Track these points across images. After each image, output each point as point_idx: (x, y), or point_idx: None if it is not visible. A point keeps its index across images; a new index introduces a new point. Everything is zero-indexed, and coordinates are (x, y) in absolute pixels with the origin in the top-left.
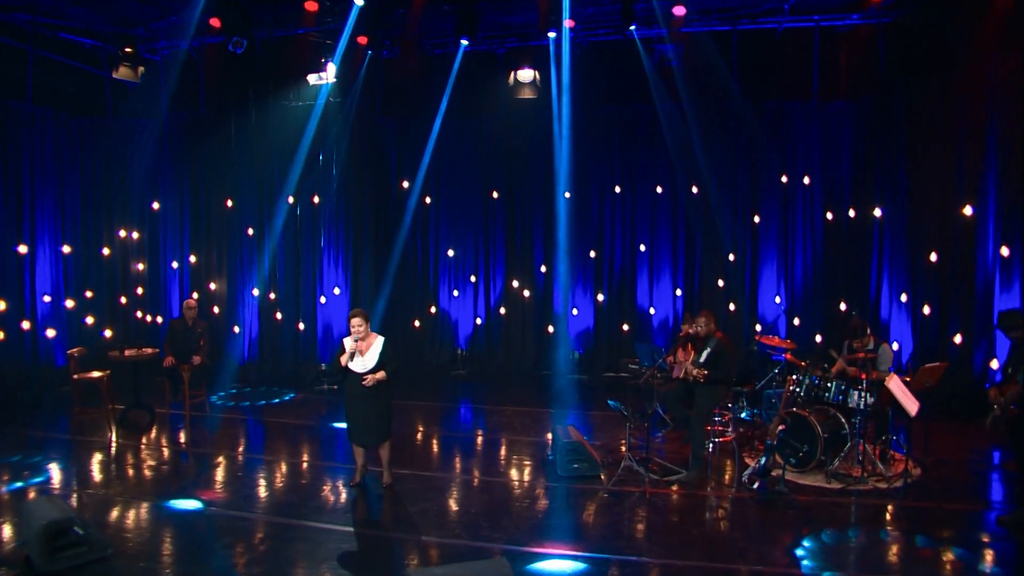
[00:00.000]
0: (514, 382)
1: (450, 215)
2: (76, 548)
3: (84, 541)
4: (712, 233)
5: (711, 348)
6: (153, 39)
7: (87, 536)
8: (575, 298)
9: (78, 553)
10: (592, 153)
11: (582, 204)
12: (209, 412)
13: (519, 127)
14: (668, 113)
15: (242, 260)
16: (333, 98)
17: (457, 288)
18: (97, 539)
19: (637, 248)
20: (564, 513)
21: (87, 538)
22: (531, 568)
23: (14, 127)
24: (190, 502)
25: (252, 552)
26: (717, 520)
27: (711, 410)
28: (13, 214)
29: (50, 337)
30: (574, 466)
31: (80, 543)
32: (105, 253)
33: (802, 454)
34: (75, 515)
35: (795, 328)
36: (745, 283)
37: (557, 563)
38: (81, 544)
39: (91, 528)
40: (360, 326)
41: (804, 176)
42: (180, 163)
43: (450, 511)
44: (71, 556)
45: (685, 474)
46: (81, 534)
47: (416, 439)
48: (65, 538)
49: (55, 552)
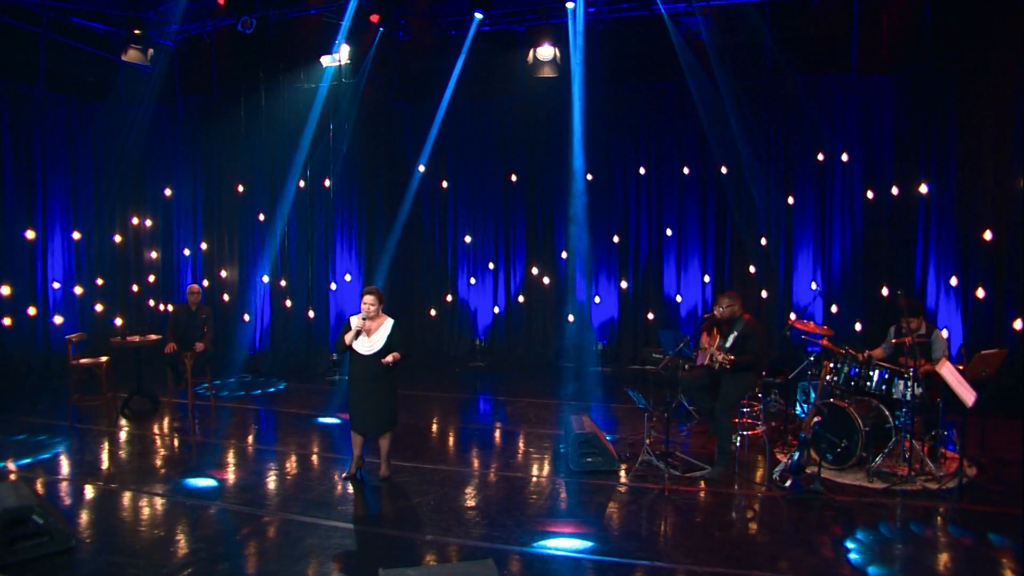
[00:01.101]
0: (534, 374)
1: (468, 200)
2: (35, 539)
3: (44, 531)
4: (743, 216)
5: (737, 332)
6: (164, 23)
7: (47, 526)
8: (598, 286)
9: (38, 544)
10: (615, 133)
11: (605, 187)
12: (214, 401)
13: (539, 107)
14: (696, 90)
15: (253, 246)
16: (346, 79)
17: (475, 276)
18: (58, 529)
19: (663, 232)
20: (572, 511)
21: (47, 528)
22: (528, 571)
23: (25, 113)
24: (167, 492)
25: (221, 546)
26: (744, 521)
27: (738, 400)
28: (24, 200)
29: (58, 324)
30: (587, 460)
31: (40, 533)
32: (117, 240)
33: (840, 449)
34: (35, 503)
35: (833, 315)
36: (779, 268)
37: (558, 566)
38: (41, 534)
39: (52, 517)
40: (372, 304)
41: (842, 153)
42: (193, 149)
43: (446, 507)
44: (30, 547)
45: (709, 470)
46: (41, 523)
47: (423, 430)
48: (23, 528)
49: (12, 543)
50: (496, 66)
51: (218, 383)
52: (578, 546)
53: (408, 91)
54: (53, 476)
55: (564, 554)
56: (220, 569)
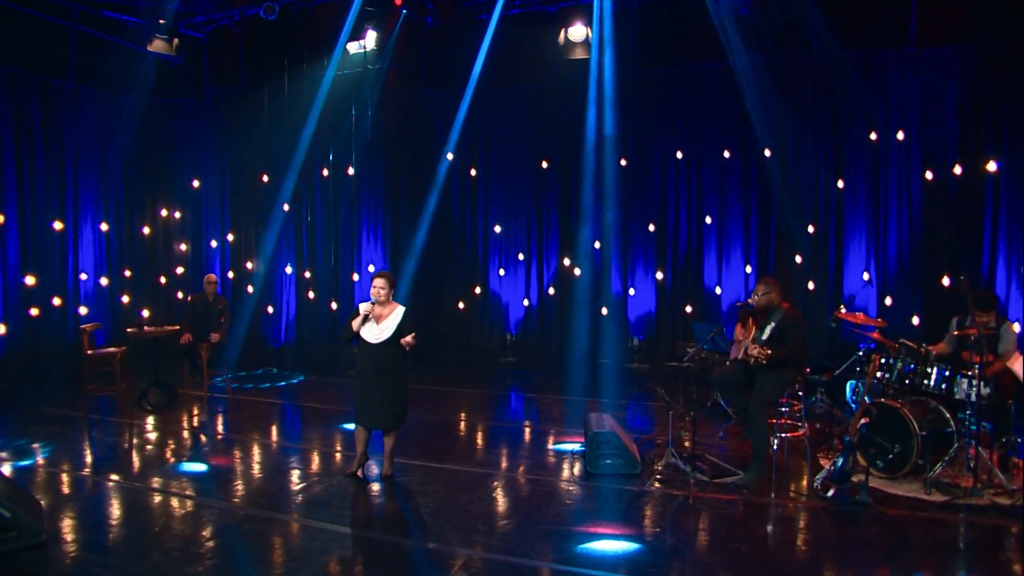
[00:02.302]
0: (567, 370)
1: (497, 188)
2: (3, 533)
3: (12, 526)
4: (789, 202)
5: (775, 323)
6: (191, 14)
7: (15, 520)
8: (634, 277)
9: (5, 539)
10: (651, 117)
11: (640, 173)
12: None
13: (571, 91)
14: (737, 69)
15: (278, 237)
16: (371, 65)
17: (505, 267)
18: (28, 524)
19: (702, 220)
20: (582, 517)
21: (15, 522)
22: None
23: (57, 106)
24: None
25: (196, 546)
26: (777, 535)
27: (775, 399)
28: (56, 192)
29: (83, 314)
30: (607, 462)
31: (7, 527)
32: (145, 232)
33: (892, 456)
34: (2, 496)
35: (888, 308)
36: (828, 258)
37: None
38: (8, 529)
39: (22, 511)
40: (383, 288)
41: (897, 132)
42: (220, 140)
43: (445, 510)
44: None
45: (742, 476)
46: (8, 517)
47: (439, 427)
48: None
49: None
50: (527, 49)
51: (243, 374)
52: (577, 559)
53: (436, 77)
54: (52, 468)
55: (561, 567)
56: (187, 572)
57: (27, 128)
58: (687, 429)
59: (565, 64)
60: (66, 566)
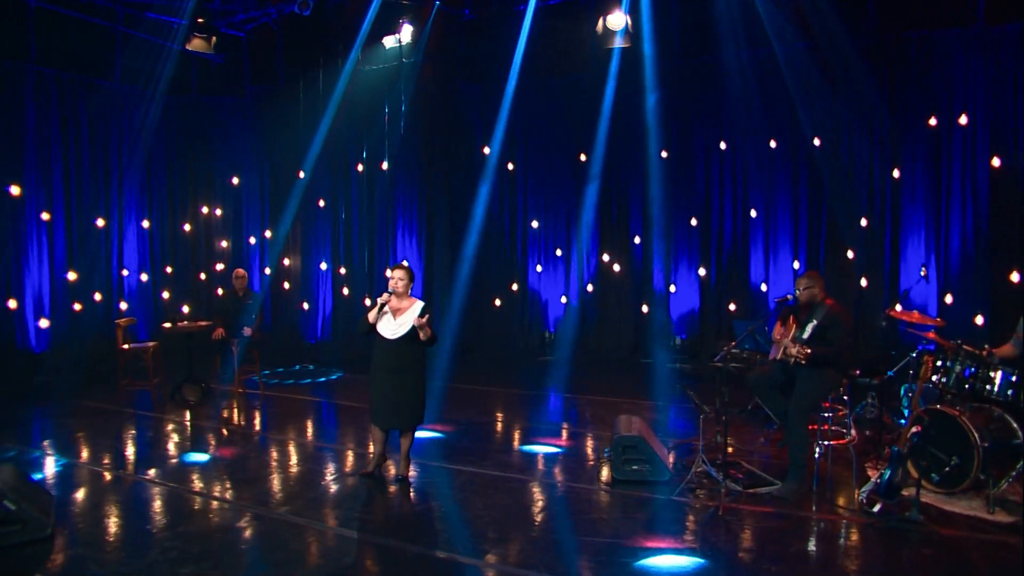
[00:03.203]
0: (607, 370)
1: (535, 182)
2: (7, 526)
3: (17, 519)
4: (840, 193)
5: (818, 320)
6: (231, 13)
7: (21, 513)
8: (676, 274)
9: (8, 532)
10: (693, 106)
11: (682, 165)
12: (263, 389)
13: (609, 81)
14: (785, 55)
15: (315, 233)
16: (406, 59)
17: (542, 263)
18: (33, 517)
19: (747, 214)
20: (600, 528)
21: (20, 516)
22: None
23: (103, 106)
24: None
25: (196, 544)
26: (815, 555)
27: (815, 402)
28: (101, 191)
29: (123, 310)
30: (633, 467)
31: (11, 520)
32: (187, 229)
33: (949, 469)
34: (6, 489)
35: (948, 307)
36: (883, 253)
37: None
38: (13, 522)
39: (28, 505)
40: (401, 279)
41: (960, 116)
42: (259, 137)
43: (457, 515)
44: (2, 535)
45: (779, 486)
46: (13, 510)
47: (467, 428)
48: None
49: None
50: (564, 40)
51: (281, 371)
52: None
53: (472, 71)
54: (73, 460)
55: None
56: (182, 572)
57: (74, 128)
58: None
59: (603, 54)
60: (64, 560)
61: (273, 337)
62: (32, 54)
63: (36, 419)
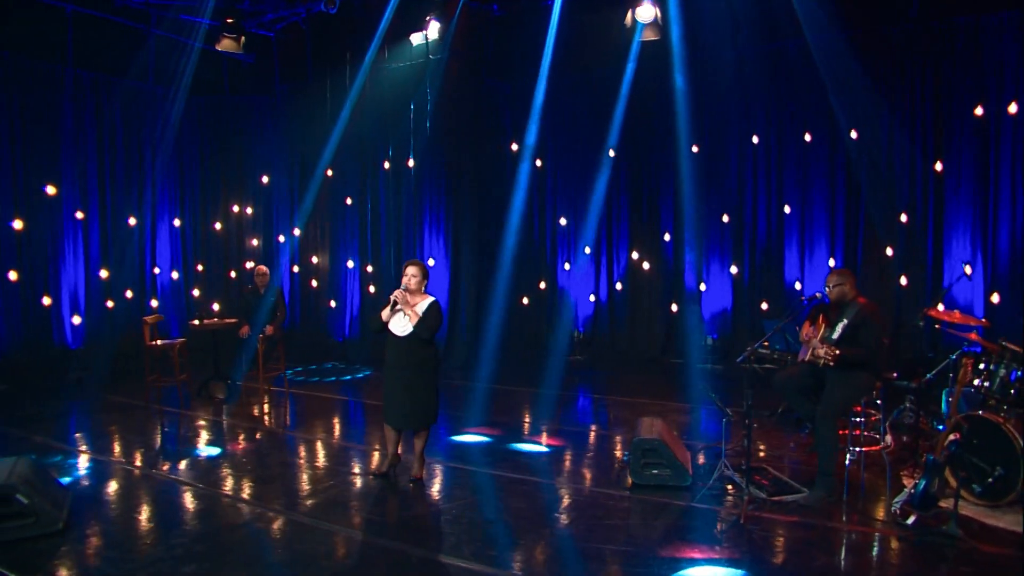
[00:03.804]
0: (637, 370)
1: (563, 178)
2: (21, 519)
3: (30, 512)
4: (879, 188)
5: (848, 319)
6: (261, 13)
7: (33, 507)
8: (708, 272)
9: (22, 525)
10: (725, 100)
11: (714, 160)
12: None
13: (639, 75)
14: (821, 45)
15: (342, 231)
16: (433, 56)
17: (571, 261)
18: (45, 511)
19: (781, 210)
20: (612, 534)
21: (33, 509)
22: None
23: (138, 106)
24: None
25: (202, 544)
26: (840, 569)
27: (845, 407)
28: (135, 190)
29: (153, 307)
30: (652, 472)
31: (25, 514)
32: (217, 227)
33: (993, 480)
34: (19, 483)
35: (995, 307)
36: (926, 250)
37: None
38: (26, 515)
39: (39, 498)
40: (415, 276)
41: (1010, 104)
42: (288, 136)
43: (467, 518)
44: (15, 528)
45: (806, 494)
46: (26, 503)
47: (486, 426)
48: (8, 507)
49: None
50: (593, 34)
51: (312, 368)
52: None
53: (500, 67)
54: (94, 453)
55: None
56: (184, 571)
57: (109, 128)
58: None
59: (632, 48)
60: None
61: (301, 335)
62: (69, 57)
63: (66, 414)
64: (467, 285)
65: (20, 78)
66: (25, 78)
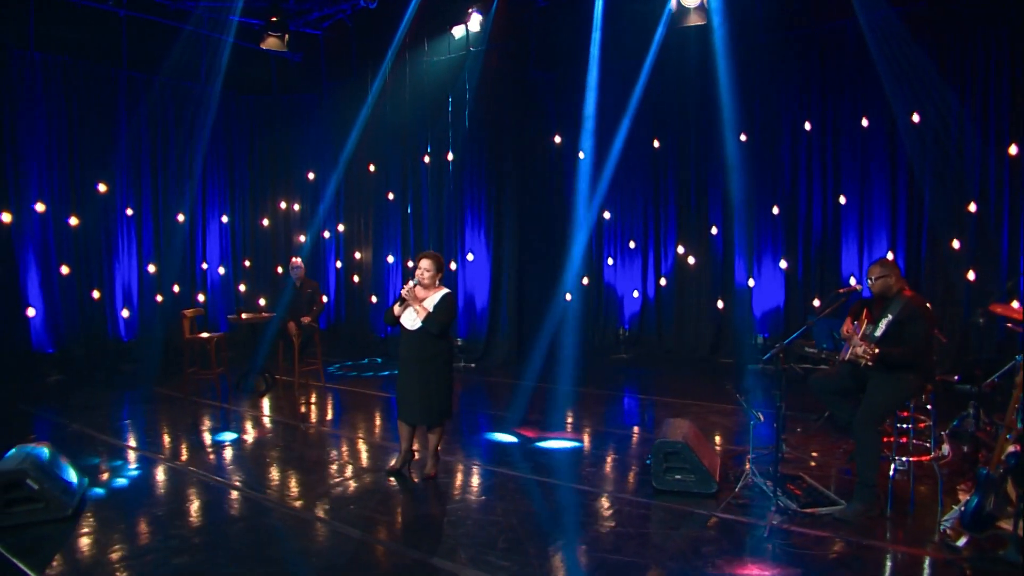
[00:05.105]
0: (685, 370)
1: (607, 170)
2: (31, 504)
3: (39, 497)
4: (945, 175)
5: (894, 315)
6: (307, 11)
7: (42, 493)
8: (760, 267)
9: (32, 510)
10: (775, 86)
11: (764, 148)
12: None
13: (685, 61)
14: (879, 24)
15: (384, 226)
16: (474, 48)
17: (614, 256)
18: (55, 498)
19: (837, 200)
20: (620, 543)
21: (42, 495)
22: None
23: (188, 107)
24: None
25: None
26: None
27: (887, 411)
28: (186, 187)
29: (200, 302)
30: (675, 477)
31: (35, 499)
32: (265, 224)
33: None
34: (30, 468)
35: None
36: (999, 241)
37: None
38: (36, 500)
39: (50, 484)
40: (428, 270)
41: None
42: (334, 132)
43: (472, 520)
44: (24, 512)
45: (843, 507)
46: (36, 489)
47: (515, 425)
48: (19, 491)
49: (9, 505)
50: (637, 20)
51: (350, 364)
52: None
53: (542, 58)
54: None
55: None
56: (174, 562)
57: (161, 128)
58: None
59: (678, 33)
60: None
61: (344, 330)
62: (124, 60)
63: (108, 404)
64: (509, 280)
65: (78, 82)
66: (83, 81)
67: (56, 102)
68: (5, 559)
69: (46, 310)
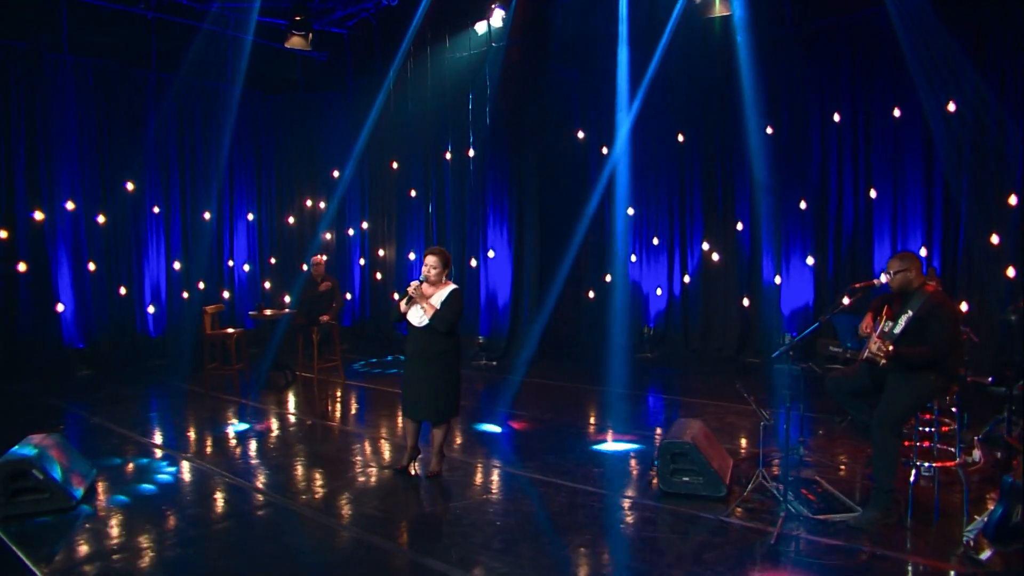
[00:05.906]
0: (712, 369)
1: (631, 166)
2: (36, 494)
3: (44, 488)
4: (983, 166)
5: (914, 311)
6: (330, 11)
7: (47, 483)
8: (788, 264)
9: (37, 500)
10: (804, 76)
11: (791, 141)
12: (344, 377)
13: (709, 53)
14: (909, 10)
15: (407, 223)
16: (495, 43)
17: (638, 253)
18: (58, 488)
19: (868, 194)
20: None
21: (47, 485)
22: None
23: (216, 106)
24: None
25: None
26: None
27: (906, 413)
28: (213, 186)
29: (225, 298)
30: (683, 479)
31: (40, 489)
32: (290, 221)
33: None
34: (36, 458)
35: None
36: None
37: None
38: (41, 490)
39: (53, 475)
40: (434, 267)
41: None
42: (359, 130)
43: (469, 520)
44: (29, 502)
45: (858, 514)
46: (41, 479)
47: (533, 427)
48: (24, 481)
49: (15, 495)
50: (662, 13)
51: (374, 361)
52: None
53: (564, 53)
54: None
55: None
56: (165, 556)
57: (189, 128)
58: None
59: (702, 24)
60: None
61: (369, 327)
62: (153, 62)
63: (131, 398)
64: (531, 277)
65: (108, 83)
66: (114, 83)
67: (86, 103)
68: (6, 547)
69: (77, 306)
